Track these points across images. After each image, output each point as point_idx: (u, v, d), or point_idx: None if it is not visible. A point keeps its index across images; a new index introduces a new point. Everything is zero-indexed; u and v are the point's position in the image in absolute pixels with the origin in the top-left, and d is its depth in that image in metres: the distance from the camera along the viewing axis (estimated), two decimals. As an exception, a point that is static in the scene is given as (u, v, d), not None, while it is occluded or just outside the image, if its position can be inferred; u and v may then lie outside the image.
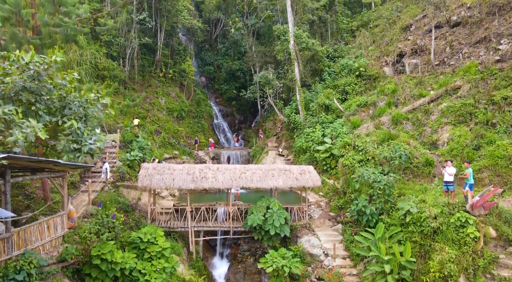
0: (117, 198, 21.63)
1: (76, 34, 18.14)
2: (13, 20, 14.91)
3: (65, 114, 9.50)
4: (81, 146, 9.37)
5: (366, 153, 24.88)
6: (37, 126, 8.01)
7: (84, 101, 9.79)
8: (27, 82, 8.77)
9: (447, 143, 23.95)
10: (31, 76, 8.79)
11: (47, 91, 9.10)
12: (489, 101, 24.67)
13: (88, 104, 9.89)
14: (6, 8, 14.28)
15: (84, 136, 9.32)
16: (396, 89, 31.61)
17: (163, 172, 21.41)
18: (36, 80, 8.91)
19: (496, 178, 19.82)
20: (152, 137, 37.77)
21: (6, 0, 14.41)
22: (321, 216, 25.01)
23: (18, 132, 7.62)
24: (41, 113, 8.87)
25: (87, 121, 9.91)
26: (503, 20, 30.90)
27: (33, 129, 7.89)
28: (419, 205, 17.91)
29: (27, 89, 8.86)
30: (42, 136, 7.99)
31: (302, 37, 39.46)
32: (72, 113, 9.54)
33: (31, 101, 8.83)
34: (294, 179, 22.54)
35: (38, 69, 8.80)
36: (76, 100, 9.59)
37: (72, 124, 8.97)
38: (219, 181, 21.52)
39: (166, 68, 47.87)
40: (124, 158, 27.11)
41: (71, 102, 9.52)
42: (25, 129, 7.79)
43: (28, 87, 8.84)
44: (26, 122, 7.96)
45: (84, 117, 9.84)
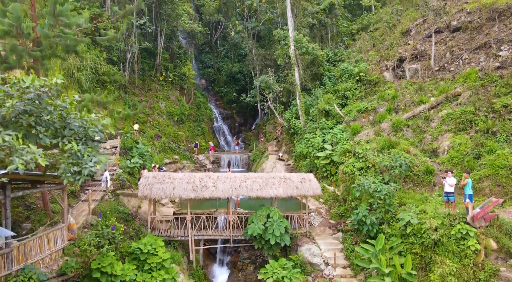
0: (117, 207, 21.61)
1: (77, 44, 18.12)
2: (13, 33, 14.89)
3: (65, 135, 9.48)
4: (81, 168, 9.36)
5: (367, 161, 24.83)
6: (37, 153, 7.99)
7: (85, 121, 9.76)
8: (27, 105, 8.75)
9: (447, 151, 23.93)
10: (32, 99, 8.78)
11: (47, 113, 9.08)
12: (489, 109, 24.64)
13: (89, 124, 9.87)
14: (6, 22, 14.26)
15: (84, 158, 9.31)
16: (396, 95, 31.59)
17: (163, 180, 21.39)
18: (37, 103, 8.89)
19: (497, 188, 19.80)
20: (152, 142, 37.76)
21: (7, 14, 14.41)
22: (322, 223, 24.98)
23: (18, 160, 7.59)
24: (41, 136, 8.85)
25: (87, 141, 9.89)
26: (503, 26, 30.84)
27: (34, 156, 7.87)
28: (419, 216, 17.89)
29: (28, 112, 8.85)
30: (43, 163, 7.96)
31: (302, 42, 39.44)
32: (73, 133, 9.52)
33: (31, 124, 8.81)
34: (294, 187, 22.51)
35: (38, 92, 8.78)
36: (77, 121, 9.56)
37: (72, 147, 8.94)
38: (219, 190, 21.49)
39: (166, 72, 47.88)
40: (124, 165, 27.11)
41: (71, 123, 9.50)
42: (25, 156, 7.77)
43: (28, 110, 8.82)
44: (26, 148, 7.95)
45: (84, 138, 9.81)
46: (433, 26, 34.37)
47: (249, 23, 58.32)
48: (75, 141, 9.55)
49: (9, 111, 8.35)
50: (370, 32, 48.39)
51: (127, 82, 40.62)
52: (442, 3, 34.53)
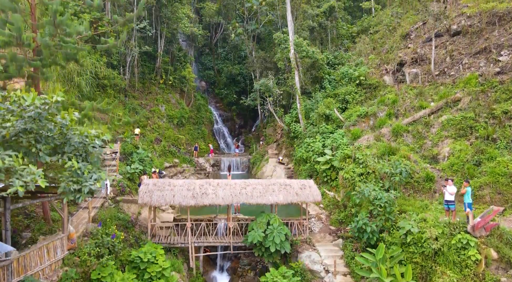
0: (117, 214, 21.57)
1: (77, 52, 18.10)
2: (14, 43, 14.88)
3: (65, 151, 9.47)
4: (81, 186, 9.34)
5: (367, 167, 24.80)
6: (37, 173, 7.97)
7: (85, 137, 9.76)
8: (28, 123, 8.74)
9: (447, 157, 23.92)
10: (32, 117, 8.77)
11: (47, 130, 9.07)
12: (489, 115, 24.64)
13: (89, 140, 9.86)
14: (7, 33, 14.25)
15: (85, 176, 9.29)
16: (396, 100, 31.57)
17: (164, 188, 21.38)
18: (37, 121, 8.88)
19: (497, 196, 19.79)
20: (152, 146, 37.74)
21: (8, 25, 14.40)
22: (322, 229, 24.97)
23: (18, 182, 7.58)
24: (41, 155, 8.84)
25: (87, 157, 9.87)
26: (503, 31, 30.84)
27: (34, 178, 7.86)
28: (420, 224, 17.87)
29: (28, 130, 8.84)
30: (42, 185, 7.94)
31: (302, 46, 39.41)
32: (73, 150, 9.51)
33: (31, 143, 8.79)
34: (294, 194, 22.48)
35: (39, 110, 8.77)
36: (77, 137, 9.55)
37: (72, 165, 8.93)
38: (220, 197, 21.47)
39: (166, 75, 47.88)
40: (125, 170, 27.09)
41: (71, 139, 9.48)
42: (25, 178, 7.76)
43: (28, 128, 8.81)
44: (26, 168, 7.93)
45: (84, 153, 9.80)
46: (433, 30, 34.36)
47: (249, 26, 58.34)
48: (75, 157, 9.54)
49: (10, 131, 8.33)
50: (370, 35, 48.39)
51: (127, 85, 40.60)
52: (442, 7, 34.53)
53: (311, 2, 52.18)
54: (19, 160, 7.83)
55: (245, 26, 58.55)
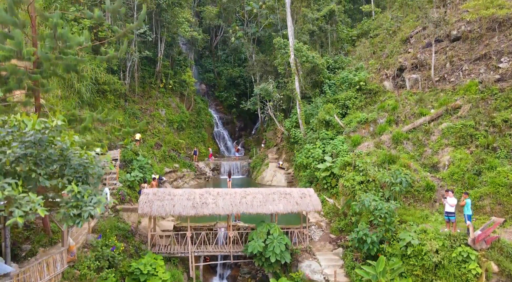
0: (117, 223, 21.55)
1: (77, 64, 18.08)
2: (14, 57, 14.88)
3: (65, 174, 9.45)
4: (81, 211, 9.31)
5: (367, 175, 24.78)
6: (37, 202, 7.95)
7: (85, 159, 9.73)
8: (28, 148, 8.72)
9: (447, 166, 23.90)
10: (31, 141, 8.75)
11: (47, 154, 9.05)
12: (489, 123, 24.61)
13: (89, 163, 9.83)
14: (7, 48, 14.24)
15: (84, 200, 9.25)
16: (396, 106, 31.55)
17: (163, 197, 21.35)
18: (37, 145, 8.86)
19: (497, 207, 19.78)
20: (153, 152, 37.74)
21: (8, 40, 14.39)
22: (322, 238, 24.97)
23: (18, 212, 7.55)
24: (41, 180, 8.82)
25: (87, 178, 9.86)
26: (503, 37, 30.80)
27: (33, 207, 7.84)
28: (420, 236, 17.87)
29: (27, 155, 8.82)
30: (42, 214, 7.92)
31: (302, 51, 39.40)
32: (73, 172, 9.49)
33: (31, 168, 8.78)
34: (294, 203, 22.46)
35: (39, 135, 8.75)
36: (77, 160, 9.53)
37: (72, 189, 8.91)
38: (220, 207, 21.45)
39: (166, 79, 47.88)
40: (125, 178, 27.07)
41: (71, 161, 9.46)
42: (25, 208, 7.74)
43: (28, 153, 8.79)
44: (26, 196, 7.91)
45: (84, 175, 9.78)
46: (433, 36, 34.29)
47: (249, 29, 58.37)
48: (75, 180, 9.51)
49: (9, 158, 8.32)
50: (370, 39, 48.37)
51: (127, 90, 40.57)
52: (442, 12, 34.47)
53: (311, 6, 52.21)
54: (19, 188, 7.80)
55: (245, 29, 58.60)
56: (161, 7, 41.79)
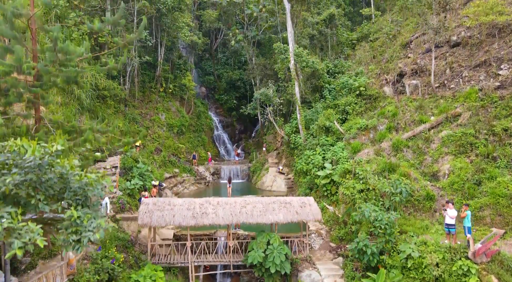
0: (117, 234, 21.55)
1: (77, 75, 18.06)
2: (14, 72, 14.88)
3: (65, 197, 9.45)
4: (81, 237, 9.29)
5: (367, 183, 24.77)
6: (36, 232, 7.94)
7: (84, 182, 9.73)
8: (27, 174, 8.72)
9: (447, 175, 23.91)
10: (31, 167, 8.75)
11: (47, 179, 9.05)
12: (489, 131, 24.62)
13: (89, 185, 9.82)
14: (7, 63, 14.23)
15: (84, 225, 9.23)
16: (396, 113, 31.54)
17: (163, 207, 21.36)
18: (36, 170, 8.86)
19: (498, 218, 19.78)
20: (153, 157, 37.72)
21: (8, 56, 14.38)
22: (322, 246, 24.96)
23: (17, 243, 7.55)
24: (41, 205, 8.81)
25: (87, 201, 9.85)
26: (503, 43, 30.79)
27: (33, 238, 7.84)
28: (420, 248, 17.87)
29: (27, 181, 8.82)
30: (41, 244, 7.91)
31: (302, 56, 39.38)
32: (72, 195, 9.49)
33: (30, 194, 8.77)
34: (294, 212, 22.46)
35: (38, 161, 8.75)
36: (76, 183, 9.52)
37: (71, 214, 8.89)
38: (220, 217, 21.45)
39: (166, 83, 47.81)
40: (124, 186, 27.04)
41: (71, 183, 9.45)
42: (24, 238, 7.73)
43: (28, 179, 8.79)
44: (26, 226, 7.90)
45: (84, 198, 9.78)
46: (432, 42, 34.25)
47: (249, 32, 58.36)
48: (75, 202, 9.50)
49: (9, 186, 8.31)
50: (370, 42, 48.34)
51: (128, 95, 40.54)
52: (442, 19, 34.43)
53: (311, 10, 52.17)
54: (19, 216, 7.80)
55: (245, 32, 58.59)
56: (161, 12, 41.74)
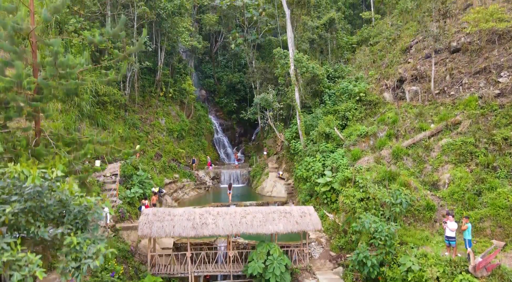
0: (117, 244, 21.55)
1: (77, 87, 18.07)
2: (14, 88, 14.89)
3: (64, 222, 9.44)
4: (80, 264, 9.28)
5: (367, 192, 24.75)
6: (36, 263, 7.94)
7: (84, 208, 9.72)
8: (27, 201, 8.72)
9: (448, 184, 23.91)
10: (31, 194, 8.76)
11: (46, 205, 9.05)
12: (489, 140, 24.61)
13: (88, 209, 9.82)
14: (7, 80, 14.23)
15: (84, 251, 9.21)
16: (396, 119, 31.53)
17: (163, 218, 21.36)
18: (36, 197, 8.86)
19: (498, 229, 19.77)
20: (153, 163, 37.73)
21: (8, 73, 14.39)
22: (322, 255, 24.98)
23: (16, 276, 7.54)
24: (40, 233, 8.80)
25: (86, 224, 9.84)
26: (503, 50, 30.77)
27: (32, 270, 7.85)
28: (420, 261, 17.87)
29: (26, 208, 8.81)
30: (40, 277, 7.91)
31: (302, 61, 39.38)
32: (72, 220, 9.48)
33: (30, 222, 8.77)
34: (294, 222, 22.47)
35: (38, 188, 8.75)
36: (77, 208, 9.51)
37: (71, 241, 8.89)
38: (220, 227, 21.46)
39: (166, 88, 47.80)
40: (124, 195, 27.03)
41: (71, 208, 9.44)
42: (23, 271, 7.72)
43: (28, 206, 8.79)
44: (25, 256, 7.91)
45: (83, 222, 9.77)
46: (432, 48, 34.22)
47: (249, 35, 58.34)
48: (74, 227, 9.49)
49: (8, 216, 8.31)
50: (370, 46, 48.33)
51: (127, 100, 40.52)
52: (442, 25, 34.43)
53: (311, 13, 52.13)
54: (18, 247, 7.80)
55: (245, 35, 58.57)
56: (161, 17, 41.74)
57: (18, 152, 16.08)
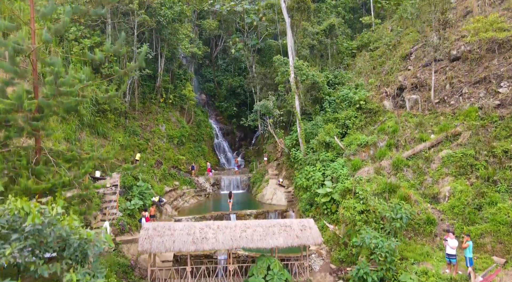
0: (117, 259, 21.55)
1: (77, 104, 18.08)
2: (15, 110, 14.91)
3: (64, 257, 9.43)
4: (80, 301, 9.28)
5: (367, 204, 24.75)
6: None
7: (84, 241, 9.70)
8: (27, 239, 8.72)
9: (448, 197, 23.91)
10: (30, 232, 8.75)
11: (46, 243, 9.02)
12: (489, 153, 24.62)
13: (89, 242, 9.80)
14: (7, 102, 14.24)
15: (83, 286, 9.21)
16: (396, 129, 31.54)
17: (163, 233, 21.35)
18: (36, 235, 8.86)
19: (498, 245, 19.77)
20: (153, 171, 37.73)
21: (9, 95, 14.39)
22: (322, 267, 24.97)
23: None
24: (40, 271, 8.79)
25: (86, 258, 9.83)
26: (503, 60, 30.77)
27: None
28: (421, 279, 17.89)
29: (26, 247, 8.81)
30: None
31: (302, 69, 39.39)
32: (72, 253, 9.47)
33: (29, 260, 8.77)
34: (295, 236, 22.46)
35: (38, 227, 8.75)
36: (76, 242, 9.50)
37: (70, 278, 8.87)
38: (220, 242, 21.45)
39: (166, 94, 47.78)
40: (125, 207, 27.03)
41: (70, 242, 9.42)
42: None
43: (27, 245, 8.79)
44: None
45: (83, 255, 9.76)
46: (432, 57, 34.21)
47: (249, 40, 58.33)
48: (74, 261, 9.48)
49: (9, 258, 8.30)
50: (370, 51, 48.32)
51: (128, 107, 40.52)
52: (442, 34, 34.41)
53: (311, 19, 52.15)
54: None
55: (245, 40, 58.56)
56: (161, 25, 41.73)
57: (18, 171, 16.13)
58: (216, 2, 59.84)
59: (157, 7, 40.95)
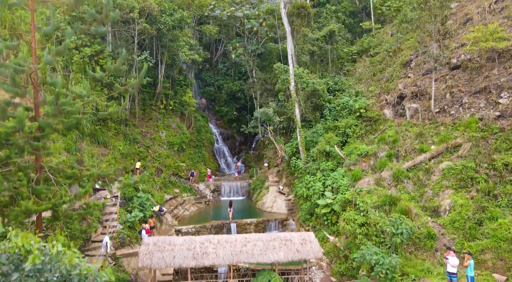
0: (117, 274, 21.54)
1: (78, 122, 18.07)
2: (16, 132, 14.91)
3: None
4: None
5: (367, 216, 24.74)
6: None
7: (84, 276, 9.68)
8: (28, 281, 8.71)
9: (448, 211, 23.90)
10: (31, 271, 8.74)
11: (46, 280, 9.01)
12: (490, 165, 24.60)
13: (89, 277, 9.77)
14: (8, 125, 14.23)
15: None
16: (397, 139, 31.53)
17: (164, 248, 21.34)
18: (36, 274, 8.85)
19: (499, 262, 19.77)
20: (153, 179, 37.71)
21: (10, 119, 14.38)
22: (323, 280, 25.01)
23: None
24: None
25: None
26: (503, 69, 30.74)
27: None
28: (421, 297, 17.90)
29: (26, 285, 8.82)
30: None
31: (303, 77, 39.39)
32: (73, 289, 9.47)
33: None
34: (295, 250, 22.46)
35: (39, 266, 8.74)
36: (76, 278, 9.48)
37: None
38: (220, 257, 21.46)
39: (166, 100, 47.73)
40: (125, 219, 27.02)
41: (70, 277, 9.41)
42: None
43: (28, 283, 8.79)
44: None
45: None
46: (432, 67, 34.16)
47: (249, 45, 58.33)
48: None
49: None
50: (370, 57, 48.29)
51: (128, 115, 40.50)
52: (442, 42, 34.40)
53: (311, 24, 52.15)
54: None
55: (245, 45, 58.55)
56: (161, 32, 41.70)
57: (19, 191, 16.12)
58: (216, 7, 59.74)
59: (157, 14, 40.93)
